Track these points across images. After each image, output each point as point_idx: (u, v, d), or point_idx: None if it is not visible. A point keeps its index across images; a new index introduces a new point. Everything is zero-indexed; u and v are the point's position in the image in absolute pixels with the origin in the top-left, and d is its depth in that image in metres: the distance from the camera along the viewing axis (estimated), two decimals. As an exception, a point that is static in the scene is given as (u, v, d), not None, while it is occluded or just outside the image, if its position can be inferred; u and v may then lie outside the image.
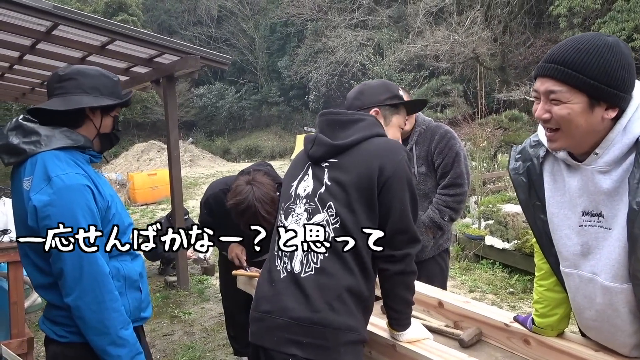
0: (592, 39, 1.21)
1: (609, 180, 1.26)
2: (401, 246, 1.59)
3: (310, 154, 1.71)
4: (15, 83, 7.72)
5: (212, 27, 33.94)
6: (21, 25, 4.63)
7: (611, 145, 1.24)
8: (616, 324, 1.37)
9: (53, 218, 1.52)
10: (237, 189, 2.54)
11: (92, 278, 1.56)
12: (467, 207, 8.30)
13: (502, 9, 19.02)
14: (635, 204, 1.19)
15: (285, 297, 1.57)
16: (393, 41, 21.29)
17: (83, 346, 1.65)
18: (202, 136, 31.17)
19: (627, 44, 1.23)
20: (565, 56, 1.21)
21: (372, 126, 1.70)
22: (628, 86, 1.20)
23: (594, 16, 14.86)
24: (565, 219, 1.40)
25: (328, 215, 1.58)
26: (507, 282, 5.24)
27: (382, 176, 1.57)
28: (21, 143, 1.61)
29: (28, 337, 3.53)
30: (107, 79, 1.78)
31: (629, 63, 1.20)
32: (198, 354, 3.94)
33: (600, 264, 1.33)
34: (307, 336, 1.51)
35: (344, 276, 1.55)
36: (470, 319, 1.94)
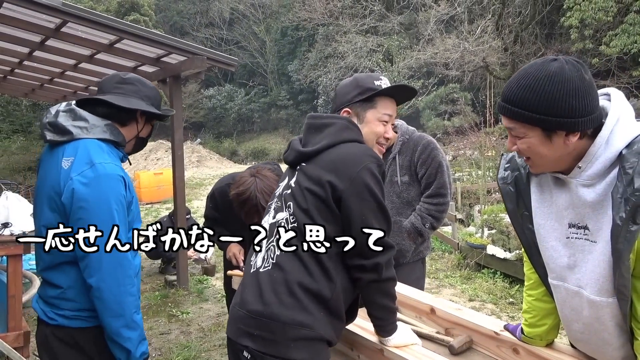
0: (534, 73, 1.21)
1: (593, 194, 1.25)
2: (370, 255, 1.54)
3: (284, 158, 1.78)
4: (25, 79, 7.81)
5: (224, 30, 34.13)
6: (31, 22, 4.68)
7: (594, 159, 1.23)
8: (603, 337, 1.35)
9: (91, 202, 1.62)
10: (240, 180, 2.57)
11: (116, 261, 1.64)
12: (470, 216, 8.26)
13: (513, 18, 18.97)
14: (619, 218, 1.17)
15: (247, 290, 1.62)
16: (403, 48, 21.28)
17: (70, 330, 1.72)
18: (210, 137, 31.29)
19: (578, 66, 1.20)
20: (511, 94, 1.24)
21: (341, 131, 1.66)
22: (579, 110, 1.18)
23: (605, 28, 14.78)
24: (552, 231, 1.39)
25: (288, 214, 1.62)
26: (507, 292, 5.20)
27: (335, 192, 1.54)
28: (70, 125, 1.73)
29: (25, 331, 3.54)
30: (157, 93, 1.97)
31: (575, 88, 1.17)
32: (193, 354, 3.94)
33: (586, 278, 1.31)
34: (258, 329, 1.53)
35: (297, 272, 1.54)
36: (461, 327, 1.92)
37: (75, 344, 1.74)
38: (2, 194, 3.68)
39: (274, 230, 1.63)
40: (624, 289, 1.22)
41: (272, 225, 1.65)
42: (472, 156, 11.00)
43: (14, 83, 8.29)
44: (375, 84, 1.76)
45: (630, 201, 1.14)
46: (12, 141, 17.52)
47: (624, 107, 1.26)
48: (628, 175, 1.16)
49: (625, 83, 15.20)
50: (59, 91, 8.60)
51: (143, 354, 1.76)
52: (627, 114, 1.25)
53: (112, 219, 1.64)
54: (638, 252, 1.21)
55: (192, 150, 24.38)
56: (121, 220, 1.68)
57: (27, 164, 15.77)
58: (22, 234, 3.52)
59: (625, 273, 1.20)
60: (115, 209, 1.66)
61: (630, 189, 1.15)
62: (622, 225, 1.16)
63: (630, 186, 1.15)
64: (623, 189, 1.17)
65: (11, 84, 8.37)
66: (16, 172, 15.02)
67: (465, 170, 10.71)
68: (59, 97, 9.18)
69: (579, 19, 14.41)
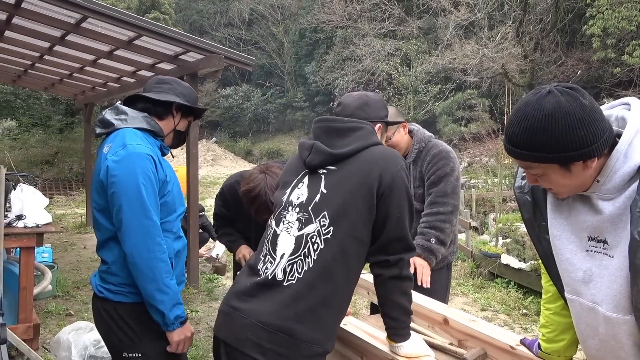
0: (533, 113, 1.15)
1: (612, 207, 1.21)
2: (395, 252, 1.59)
3: (307, 162, 1.69)
4: (45, 73, 7.90)
5: (243, 30, 34.32)
6: (51, 16, 4.73)
7: (612, 173, 1.19)
8: (620, 355, 1.29)
9: (120, 174, 1.82)
10: (250, 177, 2.54)
11: (145, 230, 1.80)
12: (485, 224, 8.15)
13: (534, 25, 18.75)
14: (637, 233, 1.12)
15: (257, 300, 1.56)
16: (421, 52, 21.16)
17: (114, 303, 1.91)
18: (226, 136, 31.45)
19: (574, 95, 1.14)
20: (517, 138, 1.19)
21: (370, 135, 1.69)
22: (589, 139, 1.13)
23: (628, 37, 14.53)
24: (567, 243, 1.33)
25: (320, 226, 1.56)
26: (521, 302, 5.10)
27: (381, 185, 1.56)
28: (112, 119, 1.98)
29: (35, 323, 3.57)
30: (192, 92, 2.15)
31: (579, 119, 1.12)
32: (201, 353, 3.92)
33: (602, 294, 1.26)
34: (270, 342, 1.49)
35: (324, 289, 1.53)
36: (475, 339, 1.86)
37: (119, 316, 1.91)
38: (18, 187, 3.70)
39: (301, 243, 1.57)
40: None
41: (300, 237, 1.58)
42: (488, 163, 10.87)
43: (34, 77, 8.40)
44: None
45: None
46: (31, 134, 17.76)
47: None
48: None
49: (647, 94, 14.93)
50: (78, 86, 8.69)
51: (178, 318, 1.89)
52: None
53: (139, 191, 1.80)
54: None
55: (208, 149, 24.52)
56: (149, 194, 1.83)
57: (44, 157, 15.96)
58: (36, 226, 3.54)
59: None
60: (142, 182, 1.82)
61: None
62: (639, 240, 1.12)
63: None
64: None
65: (32, 77, 8.48)
66: (34, 165, 15.20)
67: (481, 178, 10.59)
68: (78, 92, 9.28)
69: (602, 27, 14.20)
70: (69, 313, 4.70)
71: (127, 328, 1.91)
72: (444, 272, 2.70)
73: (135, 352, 1.91)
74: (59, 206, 12.42)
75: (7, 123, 18.42)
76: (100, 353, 3.40)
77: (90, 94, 8.90)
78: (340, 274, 1.56)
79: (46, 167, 15.52)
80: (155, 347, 1.92)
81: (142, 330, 1.91)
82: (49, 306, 4.79)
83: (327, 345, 1.58)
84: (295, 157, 1.81)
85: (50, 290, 4.86)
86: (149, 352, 1.92)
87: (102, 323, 1.97)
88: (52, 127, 17.93)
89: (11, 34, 5.56)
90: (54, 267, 5.25)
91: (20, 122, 18.64)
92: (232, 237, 2.98)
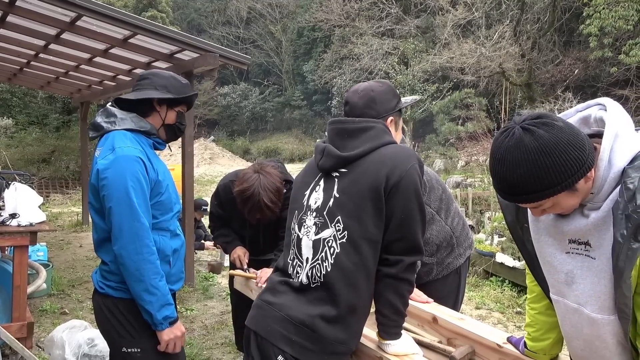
0: (523, 156, 1.13)
1: (596, 212, 1.22)
2: (396, 252, 1.59)
3: (320, 165, 1.71)
4: (41, 71, 7.89)
5: (241, 28, 34.28)
6: (46, 15, 4.72)
7: (602, 181, 1.19)
8: (604, 355, 1.30)
9: (109, 178, 1.85)
10: (244, 177, 2.56)
11: (133, 232, 1.84)
12: (481, 223, 8.17)
13: (531, 25, 18.78)
14: (620, 235, 1.13)
15: (288, 297, 1.64)
16: (419, 51, 21.16)
17: (114, 299, 1.95)
18: (224, 135, 31.43)
19: (546, 121, 1.14)
20: (519, 187, 1.17)
21: (381, 134, 1.68)
22: (582, 155, 1.13)
23: (625, 37, 14.55)
24: (545, 246, 1.35)
25: (335, 230, 1.60)
26: (515, 301, 5.12)
27: (388, 184, 1.57)
28: (102, 122, 1.99)
29: (28, 322, 3.56)
30: (176, 81, 2.09)
31: (568, 141, 1.12)
32: (195, 351, 3.93)
33: (585, 295, 1.27)
34: (297, 335, 1.56)
35: (346, 292, 1.57)
36: (463, 337, 1.88)
37: (119, 312, 1.95)
38: (11, 185, 3.69)
39: (319, 247, 1.61)
40: (625, 307, 1.18)
41: (317, 241, 1.62)
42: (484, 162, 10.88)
43: (30, 75, 8.39)
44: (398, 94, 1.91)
45: (632, 218, 1.10)
46: (27, 133, 17.72)
47: (622, 120, 1.21)
48: (629, 191, 1.12)
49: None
50: (74, 84, 8.67)
51: (167, 318, 1.91)
52: (626, 128, 1.20)
53: (128, 194, 1.83)
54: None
55: (205, 147, 24.51)
56: (138, 196, 1.85)
57: (41, 156, 15.94)
58: (29, 224, 3.53)
59: (626, 292, 1.16)
60: (131, 185, 1.84)
61: (631, 206, 1.10)
62: (623, 242, 1.12)
63: (632, 202, 1.10)
64: (624, 205, 1.12)
65: (28, 76, 8.47)
66: (30, 164, 15.18)
67: (477, 176, 10.60)
68: (74, 90, 9.26)
69: (599, 27, 14.22)
70: (63, 312, 4.70)
71: (127, 323, 1.95)
72: (452, 278, 2.59)
73: (134, 348, 1.96)
74: (56, 205, 12.40)
75: (4, 121, 18.36)
76: (94, 352, 3.40)
77: (87, 92, 8.88)
78: (360, 276, 1.58)
79: (43, 165, 15.50)
80: (154, 343, 1.96)
81: (141, 326, 1.95)
82: (43, 305, 4.79)
83: (352, 345, 1.64)
84: (313, 160, 1.83)
85: (45, 288, 4.86)
86: (148, 347, 1.96)
87: (102, 318, 2.00)
88: (48, 125, 17.90)
89: (6, 32, 5.55)
90: (49, 266, 5.24)
91: (16, 121, 18.59)
92: (227, 238, 2.99)
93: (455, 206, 2.64)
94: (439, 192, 2.51)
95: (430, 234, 2.48)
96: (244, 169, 2.77)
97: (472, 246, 2.72)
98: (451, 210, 2.58)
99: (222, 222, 3.01)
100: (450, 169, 15.48)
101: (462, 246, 2.60)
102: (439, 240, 2.50)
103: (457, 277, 2.61)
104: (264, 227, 2.85)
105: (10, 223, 3.49)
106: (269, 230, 2.86)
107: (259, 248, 2.93)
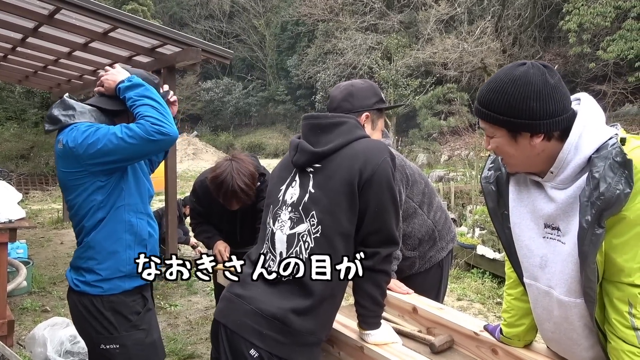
0: (502, 76, 1.26)
1: (564, 196, 1.27)
2: (372, 245, 1.61)
3: (294, 162, 1.71)
4: (18, 65, 7.74)
5: (224, 22, 34.01)
6: (23, 7, 4.64)
7: (564, 164, 1.25)
8: (572, 337, 1.36)
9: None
10: (217, 165, 2.62)
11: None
12: (463, 216, 8.28)
13: (512, 20, 18.98)
14: (585, 222, 1.18)
15: (258, 289, 1.63)
16: (402, 46, 21.23)
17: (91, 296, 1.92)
18: (207, 130, 31.22)
19: (543, 70, 1.23)
20: (481, 96, 1.30)
21: (353, 129, 1.69)
22: (540, 113, 1.21)
23: (603, 33, 14.80)
24: (526, 230, 1.40)
25: (310, 225, 1.60)
26: (495, 292, 5.22)
27: (361, 178, 1.58)
28: (60, 115, 1.92)
29: (9, 320, 3.53)
30: (147, 81, 2.02)
31: (537, 91, 1.20)
32: (179, 346, 3.92)
33: (555, 278, 1.33)
34: (268, 329, 1.55)
35: (319, 285, 1.57)
36: (442, 326, 1.92)
37: (96, 309, 1.92)
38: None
39: (293, 242, 1.62)
40: (590, 290, 1.24)
41: (292, 236, 1.64)
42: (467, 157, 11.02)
43: (7, 69, 8.22)
44: (383, 96, 1.92)
45: (596, 205, 1.16)
46: (5, 128, 17.33)
47: (593, 111, 1.27)
48: (595, 179, 1.17)
49: (621, 88, 15.25)
50: (53, 79, 8.53)
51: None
52: (596, 119, 1.26)
53: None
54: (606, 255, 1.22)
55: (189, 143, 24.31)
56: None
57: (19, 152, 15.62)
58: (8, 221, 3.49)
59: (591, 276, 1.21)
60: None
61: (596, 193, 1.16)
62: (587, 228, 1.18)
63: (597, 190, 1.16)
64: (589, 193, 1.18)
65: (5, 70, 8.30)
66: (8, 160, 14.87)
67: (459, 170, 10.72)
68: (53, 84, 9.11)
69: (578, 23, 14.41)
70: (45, 309, 4.65)
71: (105, 320, 1.92)
72: (434, 271, 2.62)
73: (113, 344, 1.93)
74: (35, 201, 12.21)
75: (-19, 116, 17.97)
76: (77, 348, 3.39)
77: (66, 86, 8.74)
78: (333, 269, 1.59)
79: (21, 161, 15.20)
80: (133, 339, 1.94)
81: (118, 322, 1.93)
82: (24, 302, 4.73)
83: (322, 335, 1.65)
84: (288, 156, 1.83)
85: (26, 286, 4.81)
86: (127, 343, 1.94)
87: (78, 316, 1.98)
88: (27, 120, 17.53)
89: (-18, 25, 5.44)
90: (30, 263, 5.18)
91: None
92: (209, 233, 3.02)
93: (437, 200, 2.65)
94: (422, 186, 2.52)
95: (413, 227, 2.50)
96: None
97: (454, 240, 2.74)
98: (434, 204, 2.58)
99: (202, 218, 3.04)
100: (433, 163, 15.63)
101: (445, 240, 2.62)
102: (421, 234, 2.52)
103: (440, 271, 2.64)
104: (240, 221, 2.89)
105: (-12, 220, 3.45)
106: (245, 223, 2.89)
107: (236, 241, 2.97)
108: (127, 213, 1.94)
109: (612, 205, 1.14)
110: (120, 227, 1.93)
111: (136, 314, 1.98)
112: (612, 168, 1.15)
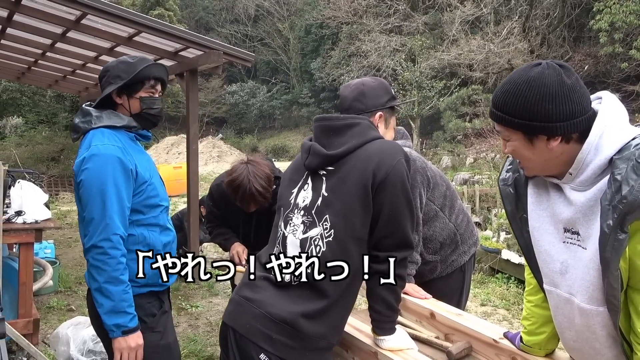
0: (516, 78, 1.22)
1: (583, 199, 1.21)
2: (386, 249, 1.58)
3: (306, 165, 1.69)
4: (48, 70, 7.96)
5: (249, 26, 34.36)
6: (52, 13, 4.76)
7: (584, 166, 1.19)
8: (595, 346, 1.29)
9: (84, 179, 1.83)
10: (233, 168, 2.61)
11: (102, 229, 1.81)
12: (488, 219, 8.13)
13: (541, 20, 18.62)
14: (606, 226, 1.12)
15: (268, 293, 1.61)
16: (426, 48, 21.06)
17: None
18: (232, 133, 31.52)
19: (559, 70, 1.18)
20: (496, 99, 1.26)
21: (367, 130, 1.66)
22: (557, 115, 1.16)
23: (636, 32, 14.38)
24: (545, 234, 1.34)
25: (323, 229, 1.58)
26: (520, 298, 5.08)
27: (375, 180, 1.55)
28: (79, 122, 1.96)
29: (34, 318, 3.60)
30: (124, 64, 1.97)
31: (552, 93, 1.16)
32: (199, 347, 3.95)
33: (576, 285, 1.26)
34: (277, 333, 1.53)
35: (329, 289, 1.55)
36: (460, 332, 1.87)
37: None
38: (17, 183, 3.74)
39: (305, 245, 1.60)
40: (614, 299, 1.17)
41: (304, 240, 1.61)
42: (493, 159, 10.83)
43: (37, 74, 8.47)
44: (393, 93, 1.89)
45: (618, 209, 1.09)
46: (37, 131, 17.87)
47: (615, 111, 1.21)
48: (617, 182, 1.11)
49: (655, 88, 14.79)
50: (81, 83, 8.74)
51: (118, 326, 1.83)
52: (618, 119, 1.20)
53: (102, 192, 1.81)
54: (631, 261, 1.15)
55: (213, 146, 24.56)
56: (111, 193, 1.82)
57: (50, 154, 16.05)
58: (35, 222, 3.57)
59: (614, 283, 1.14)
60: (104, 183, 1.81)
61: (618, 197, 1.09)
62: (609, 233, 1.11)
63: (619, 193, 1.09)
64: (611, 196, 1.11)
65: (35, 75, 8.55)
66: (40, 162, 15.29)
67: (484, 173, 10.54)
68: (81, 88, 9.34)
69: (609, 22, 14.05)
70: (70, 308, 4.75)
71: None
72: (456, 276, 2.56)
73: None
74: (65, 202, 12.50)
75: (14, 120, 18.57)
76: (99, 347, 3.43)
77: (94, 90, 8.94)
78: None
79: (52, 163, 15.61)
80: (148, 341, 1.93)
81: None
82: (50, 301, 4.84)
83: (333, 339, 1.62)
84: (300, 158, 1.81)
85: (52, 285, 4.91)
86: None
87: (96, 317, 1.97)
88: (58, 124, 18.04)
89: (13, 31, 5.60)
90: (56, 263, 5.29)
91: (26, 119, 18.77)
92: (225, 236, 3.03)
93: (459, 203, 2.61)
94: (443, 189, 2.48)
95: (434, 230, 2.45)
96: None
97: (477, 244, 2.67)
98: (455, 207, 2.54)
99: (218, 221, 3.05)
100: (458, 166, 15.41)
101: (467, 243, 2.57)
102: (442, 238, 2.47)
103: (462, 275, 2.58)
104: (256, 225, 2.88)
105: (15, 220, 3.53)
106: (261, 226, 2.89)
107: (250, 243, 2.97)
108: (136, 228, 1.94)
109: (635, 209, 1.07)
110: (132, 240, 1.93)
111: (151, 316, 1.98)
112: (635, 170, 1.08)
